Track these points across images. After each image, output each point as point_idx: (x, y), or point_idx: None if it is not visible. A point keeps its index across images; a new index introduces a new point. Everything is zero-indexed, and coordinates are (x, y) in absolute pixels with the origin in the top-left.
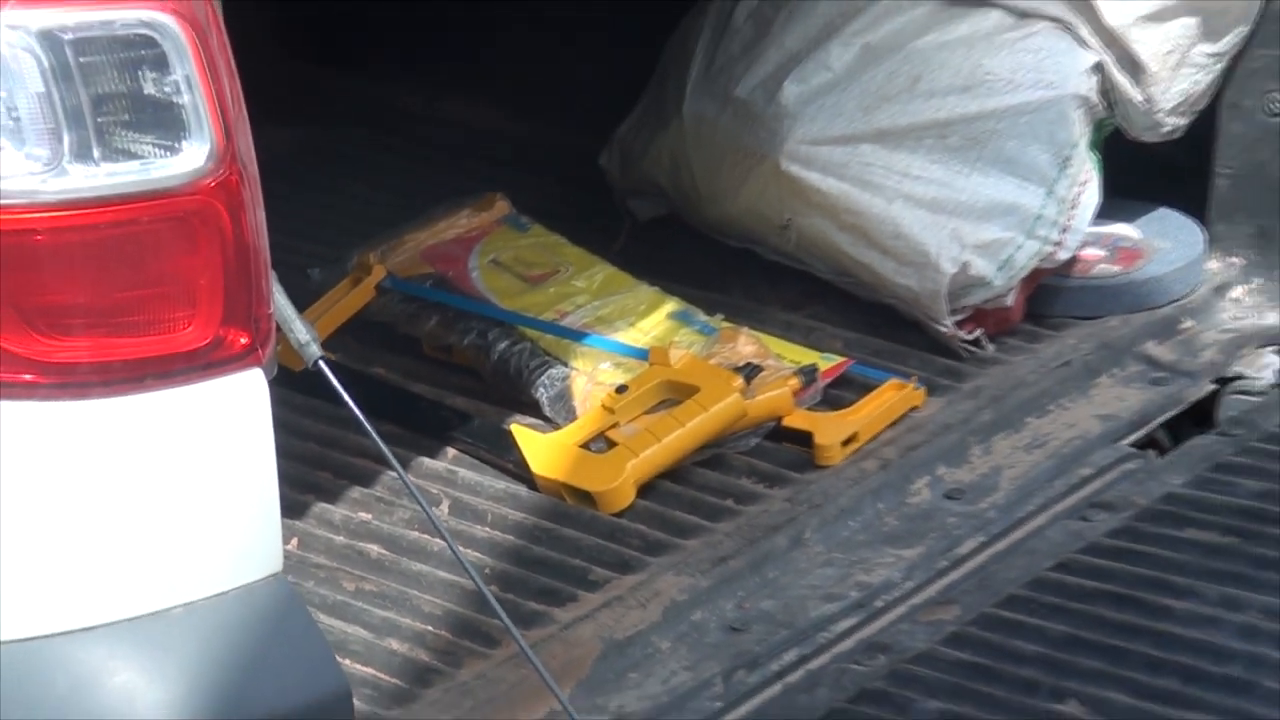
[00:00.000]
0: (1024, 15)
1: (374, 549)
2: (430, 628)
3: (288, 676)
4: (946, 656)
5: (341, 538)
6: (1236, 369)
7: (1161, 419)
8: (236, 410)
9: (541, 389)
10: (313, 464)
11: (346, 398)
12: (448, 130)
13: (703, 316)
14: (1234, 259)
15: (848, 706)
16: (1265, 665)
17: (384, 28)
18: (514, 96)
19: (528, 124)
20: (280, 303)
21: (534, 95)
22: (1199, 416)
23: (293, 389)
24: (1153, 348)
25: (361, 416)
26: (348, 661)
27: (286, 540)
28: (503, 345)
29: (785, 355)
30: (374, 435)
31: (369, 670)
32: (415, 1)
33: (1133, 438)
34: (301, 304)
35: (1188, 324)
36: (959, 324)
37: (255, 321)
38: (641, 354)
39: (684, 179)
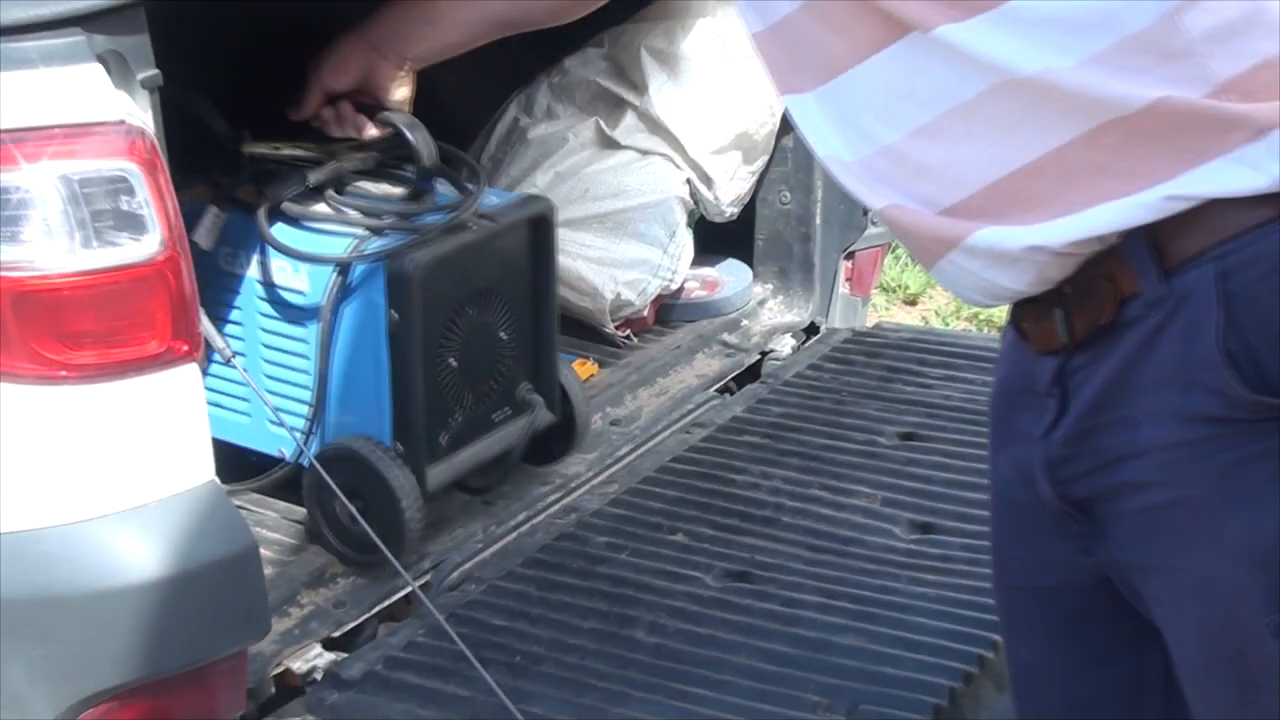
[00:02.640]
0: (645, 152)
1: None
2: None
3: (218, 538)
4: (610, 512)
5: None
6: (771, 346)
7: (731, 375)
8: (181, 389)
9: None
10: None
11: (252, 383)
12: None
13: None
14: (767, 286)
15: (553, 543)
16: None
17: None
18: None
19: None
20: (206, 325)
21: None
22: (752, 373)
23: None
24: (726, 336)
25: (265, 398)
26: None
27: None
28: None
29: None
30: (279, 417)
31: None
32: None
33: (715, 387)
34: None
35: (745, 323)
36: (617, 327)
37: (191, 337)
38: None
39: None
